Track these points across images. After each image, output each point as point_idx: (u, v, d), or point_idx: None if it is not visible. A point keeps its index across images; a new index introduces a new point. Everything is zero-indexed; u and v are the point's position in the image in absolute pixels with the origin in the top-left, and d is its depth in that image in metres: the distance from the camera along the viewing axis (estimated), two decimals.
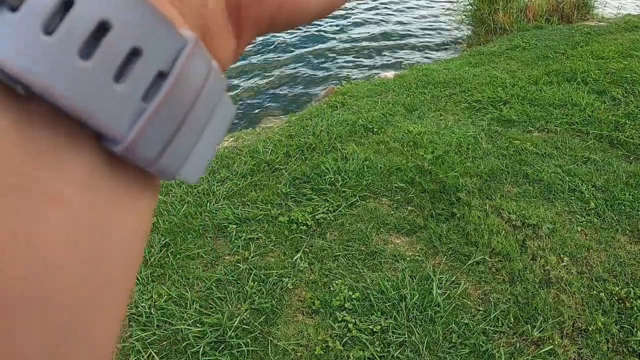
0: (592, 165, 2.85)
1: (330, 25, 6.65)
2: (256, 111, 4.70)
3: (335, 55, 5.84)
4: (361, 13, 7.10)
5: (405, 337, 1.90)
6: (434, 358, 1.85)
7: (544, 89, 3.78)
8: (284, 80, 5.28)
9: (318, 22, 6.70)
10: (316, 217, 2.48)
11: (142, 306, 2.00)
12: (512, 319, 1.98)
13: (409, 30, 6.53)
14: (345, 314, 1.98)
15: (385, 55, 5.87)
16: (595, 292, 2.07)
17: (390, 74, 4.67)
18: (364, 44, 6.16)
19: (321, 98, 4.26)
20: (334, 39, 6.28)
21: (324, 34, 6.40)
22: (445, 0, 7.49)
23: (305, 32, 6.42)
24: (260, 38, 6.24)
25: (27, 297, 0.13)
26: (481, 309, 2.03)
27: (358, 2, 7.44)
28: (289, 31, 6.37)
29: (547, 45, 4.74)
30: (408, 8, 7.33)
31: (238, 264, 2.21)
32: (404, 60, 5.72)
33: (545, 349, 1.86)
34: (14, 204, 0.13)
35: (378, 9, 7.28)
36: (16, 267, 0.13)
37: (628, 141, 3.06)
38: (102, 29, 0.14)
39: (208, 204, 2.58)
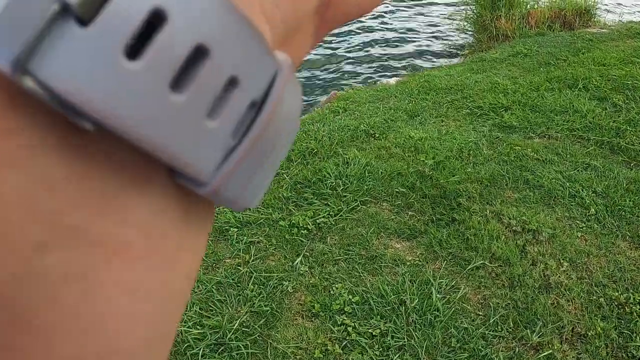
0: (593, 171, 2.86)
1: (333, 33, 6.68)
2: None
3: (337, 61, 5.87)
4: (363, 19, 7.14)
5: (405, 341, 1.91)
6: None
7: (545, 96, 3.79)
8: None
9: None
10: (317, 221, 2.49)
11: None
12: (511, 323, 1.98)
13: (411, 37, 6.56)
14: (345, 318, 1.99)
15: (387, 61, 5.90)
16: (594, 297, 2.07)
17: (392, 80, 4.70)
18: (366, 50, 6.19)
19: (323, 103, 4.28)
20: (335, 45, 6.32)
21: (327, 41, 6.44)
22: (448, 6, 7.52)
23: None
24: None
25: (90, 353, 0.12)
26: (480, 313, 2.04)
27: None
28: None
29: (548, 51, 4.75)
30: (410, 14, 7.37)
31: (239, 267, 2.22)
32: (406, 66, 5.75)
33: (545, 354, 1.86)
34: (75, 257, 0.11)
35: (380, 15, 7.31)
36: (80, 322, 0.12)
37: (629, 147, 3.07)
38: (197, 54, 0.11)
39: None
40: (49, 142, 0.11)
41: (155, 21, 0.10)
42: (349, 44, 6.36)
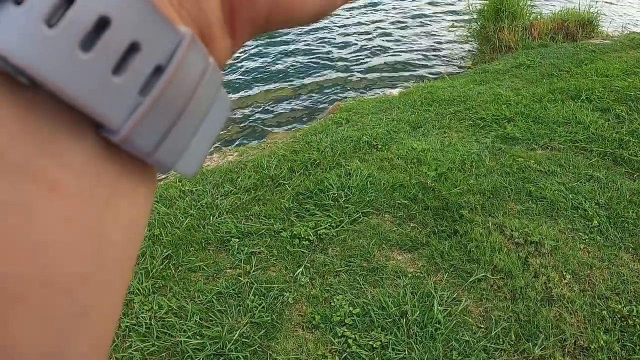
0: (596, 182, 2.85)
1: (335, 39, 6.73)
2: (261, 126, 4.74)
3: (340, 73, 5.90)
4: (367, 30, 7.18)
5: (405, 354, 1.90)
6: None
7: (548, 107, 3.79)
8: (290, 97, 5.33)
9: (323, 37, 6.78)
10: (318, 232, 2.49)
11: (142, 317, 2.01)
12: (513, 336, 1.96)
13: (414, 48, 6.59)
14: (346, 330, 1.98)
15: (390, 72, 5.92)
16: (597, 310, 2.06)
17: (395, 91, 4.71)
18: (370, 61, 6.21)
19: (326, 114, 4.29)
20: (339, 55, 6.35)
21: (330, 49, 6.47)
22: (451, 18, 7.56)
23: (311, 45, 6.49)
24: (268, 59, 6.32)
25: (26, 275, 0.13)
26: (482, 326, 2.02)
27: (364, 19, 7.53)
28: (294, 46, 6.42)
29: (551, 63, 4.76)
30: (414, 26, 7.40)
31: (239, 278, 2.22)
32: (409, 77, 5.77)
33: None
34: (15, 186, 0.13)
35: (384, 26, 7.35)
36: (16, 244, 0.13)
37: (632, 159, 3.06)
38: (102, 24, 0.14)
39: (211, 217, 2.60)
40: None
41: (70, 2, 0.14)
42: (352, 55, 6.39)
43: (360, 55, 6.38)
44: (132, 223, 0.17)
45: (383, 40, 6.88)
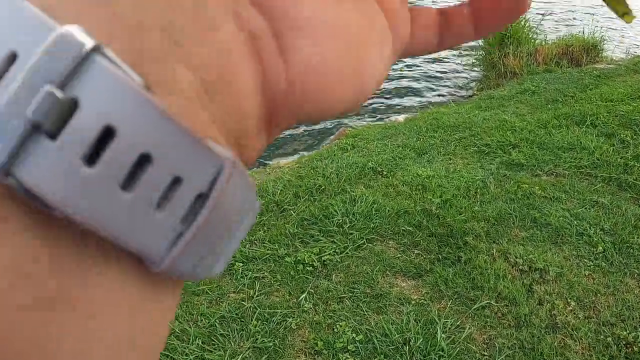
0: (600, 208, 2.85)
1: None
2: (266, 151, 4.80)
3: None
4: None
5: None
6: None
7: (552, 133, 3.81)
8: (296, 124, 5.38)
9: None
10: (322, 258, 2.51)
11: None
12: None
13: (420, 75, 6.67)
14: (348, 356, 1.98)
15: (396, 98, 5.99)
16: (602, 337, 2.04)
17: (400, 117, 4.76)
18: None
19: (332, 140, 4.34)
20: None
21: None
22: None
23: None
24: None
25: None
26: (486, 354, 2.01)
27: None
28: None
29: (556, 88, 4.80)
30: None
31: (243, 302, 2.23)
32: (415, 104, 5.82)
33: None
34: (52, 321, 0.13)
35: None
36: None
37: (637, 184, 3.06)
38: (143, 161, 0.14)
39: None
40: (29, 224, 0.13)
41: (107, 134, 0.13)
42: None
43: None
44: (160, 331, 0.17)
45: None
